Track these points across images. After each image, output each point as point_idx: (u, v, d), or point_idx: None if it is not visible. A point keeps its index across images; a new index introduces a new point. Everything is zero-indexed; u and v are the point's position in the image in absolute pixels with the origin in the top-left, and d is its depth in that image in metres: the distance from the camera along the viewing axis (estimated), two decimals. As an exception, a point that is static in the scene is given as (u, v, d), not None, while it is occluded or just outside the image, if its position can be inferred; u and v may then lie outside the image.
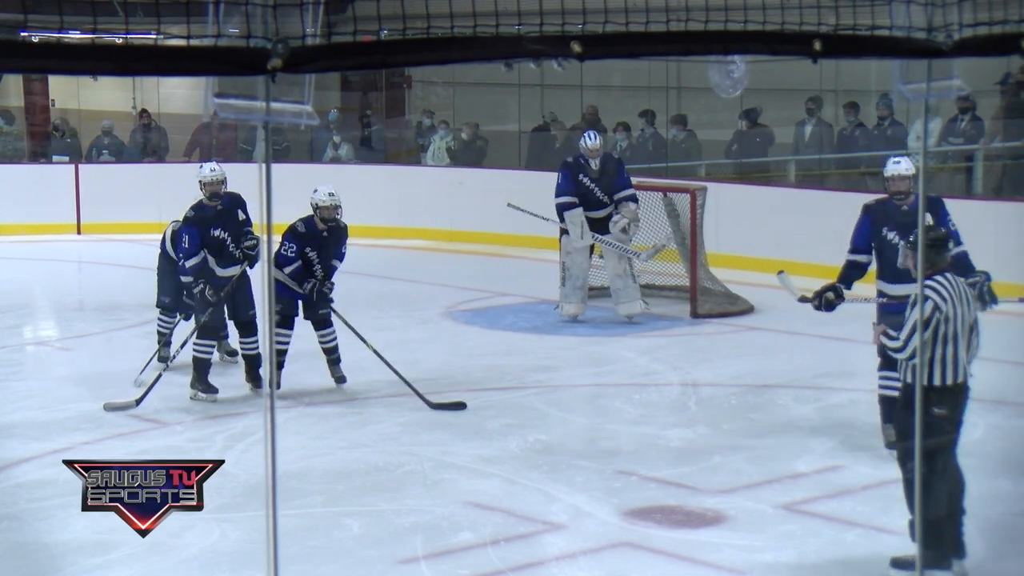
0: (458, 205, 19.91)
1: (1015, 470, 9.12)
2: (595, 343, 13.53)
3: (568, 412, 10.98)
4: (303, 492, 8.94)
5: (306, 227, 11.17)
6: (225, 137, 22.54)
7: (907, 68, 4.29)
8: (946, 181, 17.67)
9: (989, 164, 17.67)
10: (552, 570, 7.85)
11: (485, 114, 22.99)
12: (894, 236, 9.24)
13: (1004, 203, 16.42)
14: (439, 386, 11.60)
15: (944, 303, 7.45)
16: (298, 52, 3.20)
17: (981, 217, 15.53)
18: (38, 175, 21.60)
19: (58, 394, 11.52)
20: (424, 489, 9.21)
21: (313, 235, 11.16)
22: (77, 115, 24.80)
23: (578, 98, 21.39)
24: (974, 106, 17.43)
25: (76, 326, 14.81)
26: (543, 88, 22.67)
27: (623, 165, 14.62)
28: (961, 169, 17.84)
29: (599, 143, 14.16)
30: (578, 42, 3.45)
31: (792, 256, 11.17)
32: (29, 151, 23.11)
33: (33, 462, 9.80)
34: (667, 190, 15.49)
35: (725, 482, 9.18)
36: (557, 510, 8.70)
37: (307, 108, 3.46)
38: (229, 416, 10.92)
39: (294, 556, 7.48)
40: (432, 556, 7.98)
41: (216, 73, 3.30)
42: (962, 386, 7.56)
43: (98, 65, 3.11)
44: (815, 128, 19.14)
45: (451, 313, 15.10)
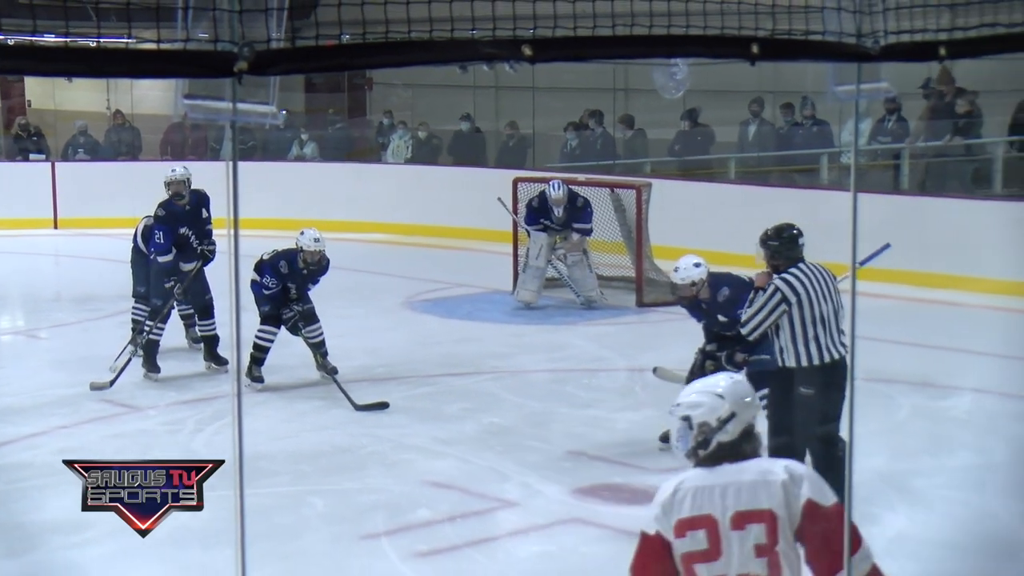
0: (417, 200, 19.90)
1: (935, 446, 9.19)
2: (547, 331, 13.55)
3: (521, 396, 10.99)
4: (271, 472, 8.93)
5: (289, 268, 10.92)
6: (196, 136, 22.44)
7: (839, 71, 4.30)
8: (876, 177, 17.76)
9: (915, 162, 17.77)
10: (505, 545, 7.87)
11: (442, 114, 22.97)
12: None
13: (928, 198, 16.52)
14: (399, 371, 11.62)
15: (792, 294, 7.64)
16: (263, 55, 3.18)
17: (908, 211, 15.64)
18: (15, 172, 21.43)
19: (36, 380, 11.45)
20: (385, 469, 9.21)
21: (294, 273, 10.99)
22: (53, 115, 24.63)
23: (530, 99, 21.39)
24: (900, 108, 17.53)
25: (53, 316, 14.73)
26: (497, 90, 22.66)
27: (588, 207, 14.56)
28: (889, 166, 17.94)
29: (562, 193, 14.18)
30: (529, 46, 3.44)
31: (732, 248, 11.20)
32: (6, 149, 22.93)
33: (10, 445, 9.75)
34: (614, 186, 15.53)
35: (669, 462, 9.17)
36: (510, 488, 8.72)
37: (272, 109, 3.45)
38: (200, 401, 10.89)
39: (262, 533, 7.47)
40: (392, 532, 7.99)
41: (185, 75, 3.28)
42: (834, 365, 7.65)
43: (72, 67, 3.09)
44: (758, 128, 19.24)
45: (410, 303, 15.09)
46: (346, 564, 7.56)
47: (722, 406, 4.33)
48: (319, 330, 11.16)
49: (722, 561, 4.20)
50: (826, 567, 4.23)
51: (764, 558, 4.20)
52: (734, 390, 4.38)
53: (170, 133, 22.67)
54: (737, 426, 4.33)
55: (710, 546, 4.22)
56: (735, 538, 4.20)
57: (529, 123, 21.42)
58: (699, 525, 4.24)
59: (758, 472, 4.28)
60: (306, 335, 11.08)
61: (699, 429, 4.33)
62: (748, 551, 4.20)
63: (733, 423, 4.32)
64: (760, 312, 7.73)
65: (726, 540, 4.21)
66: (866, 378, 9.47)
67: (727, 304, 8.50)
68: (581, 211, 14.41)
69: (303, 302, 11.06)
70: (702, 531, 4.23)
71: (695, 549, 4.23)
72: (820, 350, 7.67)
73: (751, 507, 4.21)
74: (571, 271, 14.52)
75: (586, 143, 20.27)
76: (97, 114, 24.12)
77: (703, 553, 4.22)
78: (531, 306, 14.45)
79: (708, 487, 4.26)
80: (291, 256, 10.97)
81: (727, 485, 4.26)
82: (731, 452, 4.31)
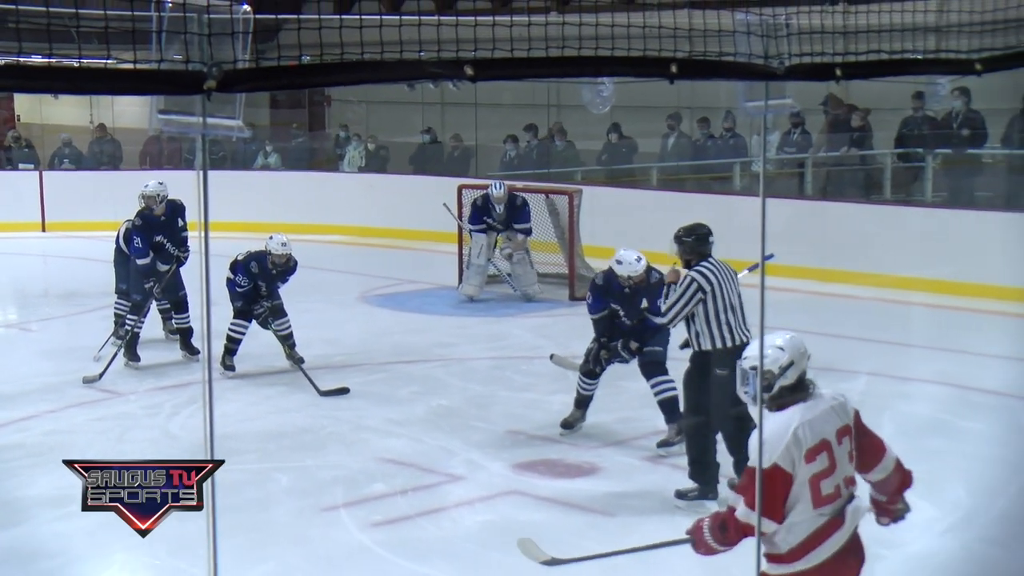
0: (370, 205, 19.85)
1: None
2: (489, 323, 13.54)
3: (466, 381, 10.98)
4: (239, 451, 8.87)
5: (259, 268, 10.89)
6: (171, 148, 22.27)
7: (749, 89, 4.32)
8: (783, 184, 17.87)
9: (816, 170, 17.89)
10: (452, 514, 7.86)
11: (393, 128, 22.92)
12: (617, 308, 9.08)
13: (828, 203, 16.63)
14: (356, 359, 11.59)
15: (707, 284, 7.72)
16: (230, 74, 3.16)
17: (811, 214, 15.76)
18: (5, 181, 21.21)
19: (25, 369, 11.34)
20: (343, 447, 9.18)
21: (264, 273, 10.95)
22: (40, 129, 24.39)
23: (472, 114, 21.36)
24: (803, 122, 17.66)
25: (41, 311, 14.59)
26: (442, 105, 22.61)
27: (526, 207, 14.58)
28: (795, 174, 18.04)
29: (503, 192, 14.24)
30: (471, 66, 3.43)
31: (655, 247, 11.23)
32: (-4, 160, 22.73)
33: (1, 428, 9.65)
34: (549, 192, 15.53)
35: (599, 439, 9.22)
36: (456, 464, 8.71)
37: (239, 123, 3.43)
38: (176, 387, 10.82)
39: (231, 506, 7.42)
40: (350, 504, 7.96)
41: (159, 92, 3.26)
42: (740, 348, 7.63)
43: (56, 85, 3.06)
44: (676, 140, 19.31)
45: (365, 298, 15.05)
46: (308, 534, 7.52)
47: (783, 357, 4.83)
48: (287, 324, 11.08)
49: (837, 471, 4.70)
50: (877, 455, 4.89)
51: (852, 462, 4.79)
52: (792, 344, 4.90)
53: (148, 145, 22.51)
54: (795, 372, 4.83)
55: (830, 463, 4.69)
56: (839, 452, 4.72)
57: (472, 135, 21.40)
58: (821, 449, 4.68)
59: (830, 399, 4.80)
60: (275, 328, 11.02)
61: (762, 377, 4.78)
62: (844, 459, 4.73)
63: (792, 370, 4.82)
64: (679, 301, 7.76)
65: (837, 455, 4.71)
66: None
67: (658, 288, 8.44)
68: (520, 210, 14.43)
69: (272, 298, 11.01)
70: (823, 453, 4.69)
71: (821, 469, 4.67)
72: (732, 333, 7.77)
73: (840, 424, 4.76)
74: (514, 268, 14.54)
75: (523, 153, 20.28)
76: (81, 128, 23.90)
77: (825, 471, 4.67)
78: (474, 299, 14.45)
79: (811, 419, 4.71)
80: (261, 257, 10.93)
81: (820, 414, 4.74)
82: (795, 392, 4.80)
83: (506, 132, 20.58)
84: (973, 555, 7.12)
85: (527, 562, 7.09)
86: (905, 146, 16.91)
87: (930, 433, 9.30)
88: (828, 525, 4.69)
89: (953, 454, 8.78)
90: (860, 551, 4.86)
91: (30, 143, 22.69)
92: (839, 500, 4.72)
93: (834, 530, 4.70)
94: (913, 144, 16.78)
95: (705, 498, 7.80)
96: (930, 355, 11.77)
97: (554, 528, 7.64)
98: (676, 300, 7.78)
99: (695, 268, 7.80)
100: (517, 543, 6.53)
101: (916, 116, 16.65)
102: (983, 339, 12.21)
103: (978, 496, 7.96)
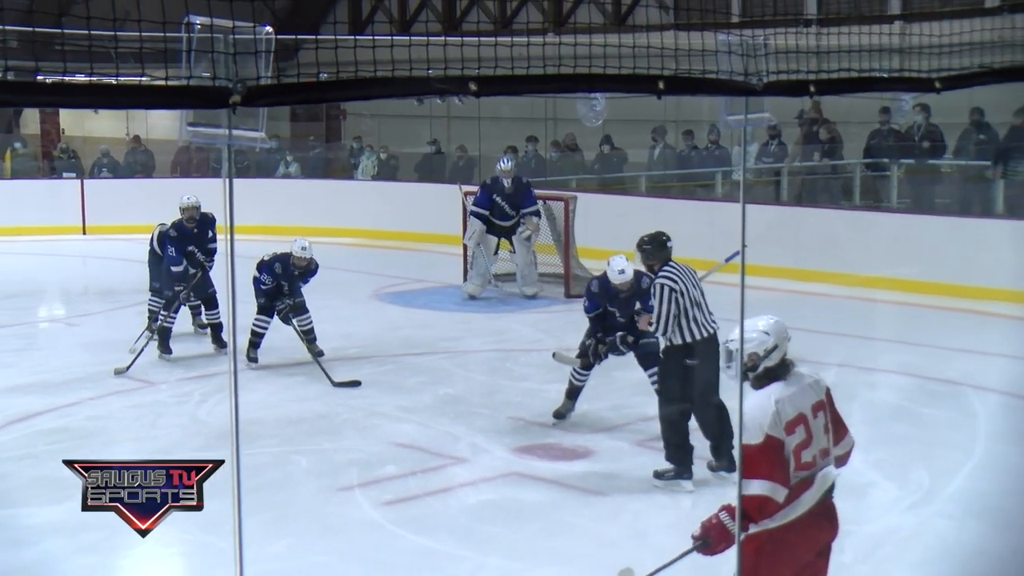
0: (382, 210, 19.84)
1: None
2: (491, 319, 13.53)
3: (470, 372, 10.97)
4: (262, 435, 8.88)
5: (282, 269, 10.88)
6: (200, 157, 22.25)
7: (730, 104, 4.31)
8: (761, 191, 17.85)
9: (792, 178, 17.88)
10: (457, 494, 7.85)
11: (402, 139, 22.92)
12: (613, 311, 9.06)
13: (803, 208, 16.62)
14: (369, 352, 11.59)
15: (676, 285, 7.76)
16: (254, 90, 3.16)
17: (787, 219, 15.75)
18: (51, 188, 21.23)
19: (67, 360, 11.34)
20: (357, 432, 9.18)
21: (287, 274, 10.93)
22: (82, 141, 24.40)
23: (476, 127, 21.37)
24: (780, 134, 17.66)
25: (81, 307, 14.59)
26: (448, 119, 22.62)
27: (530, 188, 14.51)
28: (771, 182, 18.03)
29: (511, 166, 14.21)
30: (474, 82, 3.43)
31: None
32: (42, 168, 22.72)
33: (48, 414, 9.67)
34: (546, 198, 15.51)
35: (592, 426, 9.22)
36: (461, 447, 8.71)
37: (261, 135, 3.42)
38: (204, 377, 10.83)
39: (255, 486, 7.45)
40: (364, 485, 7.96)
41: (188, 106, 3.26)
42: (710, 338, 7.80)
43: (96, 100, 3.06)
44: (661, 150, 19.30)
45: (377, 295, 15.04)
46: (325, 511, 7.52)
47: (768, 340, 4.92)
48: (309, 320, 11.09)
49: (813, 443, 4.78)
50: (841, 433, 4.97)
51: (828, 434, 4.86)
52: (776, 328, 4.97)
53: (178, 155, 22.49)
54: (778, 354, 4.92)
55: (807, 435, 4.78)
56: (815, 425, 4.80)
57: (476, 146, 21.39)
58: (799, 422, 4.77)
59: (807, 376, 4.92)
60: (297, 323, 11.03)
61: (749, 358, 4.88)
62: (820, 431, 4.82)
63: (776, 352, 4.92)
64: (661, 309, 7.78)
65: (813, 427, 4.80)
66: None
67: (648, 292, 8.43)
68: (527, 189, 14.34)
69: (294, 296, 11.01)
70: (801, 425, 4.78)
71: (800, 440, 4.75)
72: (699, 327, 7.81)
73: (816, 399, 4.85)
74: (520, 268, 14.43)
75: (523, 162, 20.26)
76: (118, 139, 23.92)
77: (804, 442, 4.76)
78: (475, 298, 14.43)
79: (790, 395, 4.80)
80: (285, 259, 10.93)
81: (797, 390, 4.83)
82: (777, 372, 4.88)
83: (507, 143, 20.56)
84: (932, 529, 7.14)
85: (525, 537, 7.12)
86: (872, 156, 16.92)
87: (894, 420, 9.31)
88: (798, 486, 4.75)
89: (914, 439, 8.78)
90: (834, 518, 4.91)
91: (74, 154, 22.72)
92: (813, 468, 4.79)
93: (803, 490, 4.76)
94: (880, 154, 16.80)
95: (680, 478, 7.82)
96: (894, 348, 11.76)
97: (551, 506, 7.65)
98: (659, 310, 7.81)
99: (661, 274, 7.85)
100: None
101: (882, 129, 16.66)
102: (942, 334, 12.21)
103: (936, 476, 7.98)
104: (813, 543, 4.86)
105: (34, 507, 7.52)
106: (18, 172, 22.18)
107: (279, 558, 6.69)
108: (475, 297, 14.42)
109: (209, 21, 3.28)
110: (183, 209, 11.58)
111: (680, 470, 7.85)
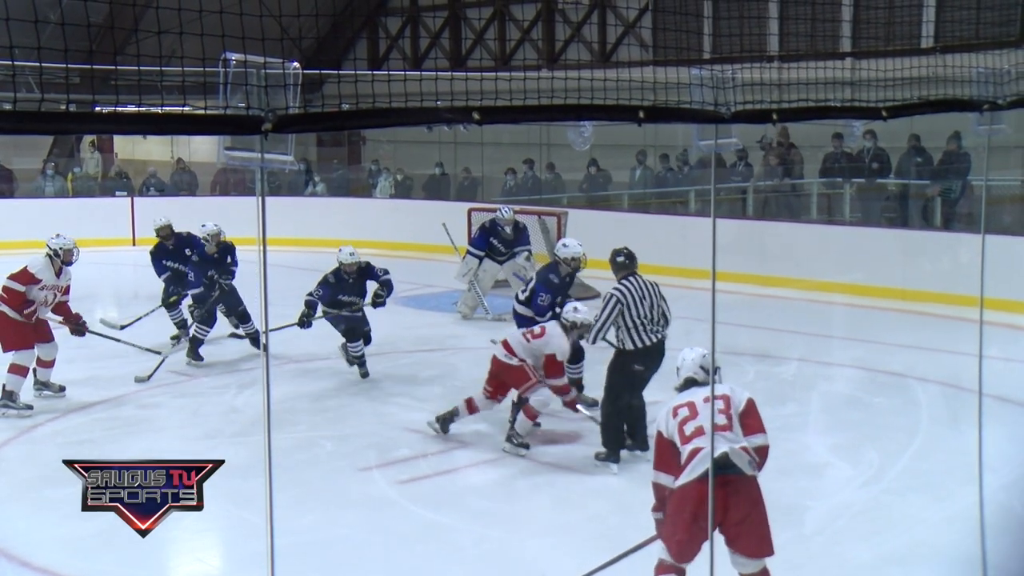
0: (397, 225, 19.83)
1: (772, 400, 9.23)
2: (495, 320, 13.50)
3: (474, 366, 10.90)
4: (291, 422, 8.87)
5: (335, 278, 10.31)
6: (236, 178, 22.22)
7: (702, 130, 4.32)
8: (729, 207, 17.84)
9: (757, 195, 17.89)
10: (463, 473, 7.86)
11: (415, 162, 22.91)
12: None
13: (766, 222, 16.62)
14: (385, 348, 11.55)
15: (624, 297, 7.78)
16: (283, 119, 3.16)
17: (752, 231, 15.75)
18: (106, 205, 21.23)
19: (119, 356, 11.28)
20: (376, 419, 9.18)
21: (340, 283, 10.32)
22: (132, 163, 24.41)
23: (479, 151, 21.39)
24: (746, 156, 17.68)
25: (131, 310, 14.50)
26: (455, 144, 22.60)
27: (526, 230, 13.89)
28: (739, 199, 18.04)
29: (511, 215, 13.67)
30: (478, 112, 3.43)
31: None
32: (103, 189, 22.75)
33: (103, 404, 9.66)
34: (540, 214, 15.52)
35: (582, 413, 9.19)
36: (466, 432, 8.70)
37: (291, 158, 3.42)
38: (240, 371, 10.82)
39: (285, 466, 7.44)
40: (382, 465, 7.96)
41: (226, 133, 3.26)
42: (655, 346, 7.86)
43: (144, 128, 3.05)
44: (643, 171, 19.31)
45: (393, 298, 14.81)
46: (348, 488, 7.51)
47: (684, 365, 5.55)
48: (360, 347, 10.50)
49: (697, 418, 5.08)
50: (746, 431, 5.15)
51: (727, 420, 5.08)
52: (692, 359, 5.52)
53: (217, 176, 22.46)
54: (683, 375, 5.50)
55: (691, 412, 5.12)
56: (702, 408, 5.08)
57: (479, 168, 21.39)
58: (683, 405, 5.20)
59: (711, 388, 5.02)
60: (351, 348, 10.52)
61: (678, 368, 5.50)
62: (706, 412, 4.99)
63: (682, 372, 5.52)
64: (601, 316, 7.85)
65: (700, 408, 5.11)
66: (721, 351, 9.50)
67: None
68: (523, 233, 13.99)
69: (359, 301, 10.48)
70: (685, 407, 5.18)
71: (683, 416, 5.13)
72: (647, 336, 7.82)
73: (706, 395, 5.14)
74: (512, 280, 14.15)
75: (520, 183, 20.28)
76: (164, 162, 23.91)
77: (687, 417, 5.12)
78: (466, 319, 13.82)
79: (683, 395, 5.30)
80: (336, 271, 10.38)
81: (691, 391, 5.33)
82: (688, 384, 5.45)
83: (506, 165, 20.61)
84: (880, 504, 7.13)
85: (525, 512, 7.11)
86: (827, 176, 16.98)
87: (847, 407, 9.31)
88: (691, 454, 5.01)
89: (865, 424, 8.78)
90: (741, 491, 4.95)
91: (126, 175, 22.75)
92: (702, 437, 5.00)
93: (693, 458, 4.99)
94: (834, 174, 16.86)
95: (610, 460, 7.87)
96: (847, 344, 11.75)
97: (545, 484, 7.64)
98: (599, 316, 7.85)
99: (615, 287, 7.88)
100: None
101: (836, 152, 16.69)
102: (888, 332, 12.20)
103: (885, 456, 7.98)
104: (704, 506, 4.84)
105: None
106: (78, 191, 22.20)
107: (306, 530, 6.68)
108: (466, 319, 13.90)
109: (243, 57, 3.27)
110: (203, 237, 11.30)
111: (610, 454, 7.89)
